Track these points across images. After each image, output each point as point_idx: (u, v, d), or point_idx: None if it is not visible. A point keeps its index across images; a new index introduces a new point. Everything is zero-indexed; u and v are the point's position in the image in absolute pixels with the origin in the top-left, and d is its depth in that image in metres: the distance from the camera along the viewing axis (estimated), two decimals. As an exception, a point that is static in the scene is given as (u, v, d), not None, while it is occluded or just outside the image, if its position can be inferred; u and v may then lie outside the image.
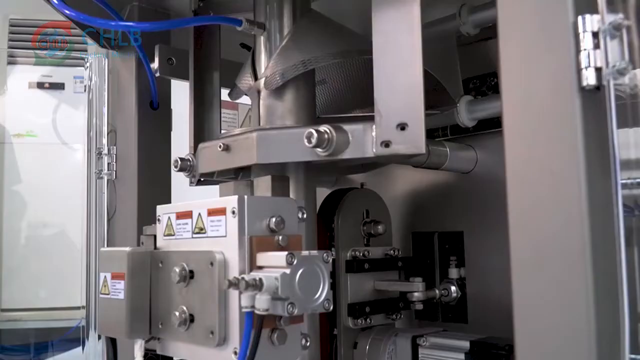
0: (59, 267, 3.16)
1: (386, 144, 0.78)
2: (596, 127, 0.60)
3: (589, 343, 0.57)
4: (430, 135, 1.15)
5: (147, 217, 0.95)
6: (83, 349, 1.99)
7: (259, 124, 0.92)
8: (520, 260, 0.63)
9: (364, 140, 0.80)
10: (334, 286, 1.01)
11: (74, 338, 2.87)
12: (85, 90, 1.44)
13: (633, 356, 0.57)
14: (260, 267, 0.70)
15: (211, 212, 0.75)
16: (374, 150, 0.79)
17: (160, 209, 0.84)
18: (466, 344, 0.93)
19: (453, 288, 1.12)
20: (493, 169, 1.09)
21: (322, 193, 1.10)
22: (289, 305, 0.67)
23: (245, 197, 0.72)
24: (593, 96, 0.60)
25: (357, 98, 1.13)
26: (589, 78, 0.58)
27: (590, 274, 0.58)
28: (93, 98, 1.42)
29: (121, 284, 0.80)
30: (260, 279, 0.66)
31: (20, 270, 3.44)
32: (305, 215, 0.79)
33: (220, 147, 0.87)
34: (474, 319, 1.11)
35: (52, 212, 3.36)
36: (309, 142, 0.79)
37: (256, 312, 0.66)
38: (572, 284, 0.59)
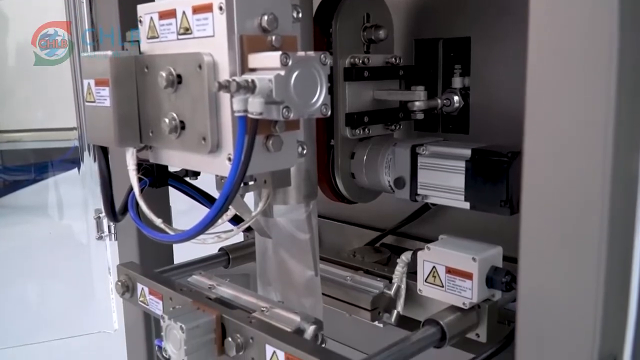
0: (54, 88, 3.11)
1: None
2: None
3: (606, 136, 0.54)
4: None
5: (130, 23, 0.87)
6: (79, 170, 2.02)
7: None
8: (537, 62, 0.58)
9: None
10: (331, 95, 0.97)
11: (74, 158, 2.92)
12: None
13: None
14: (253, 70, 0.66)
15: (196, 10, 0.68)
16: None
17: (141, 9, 0.77)
18: (467, 152, 0.90)
19: (456, 98, 1.08)
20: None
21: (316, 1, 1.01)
22: (284, 109, 0.63)
23: (233, -10, 0.65)
24: None
25: None
26: None
27: (614, 80, 0.53)
28: None
29: (106, 91, 0.76)
30: (253, 81, 0.62)
31: (13, 91, 3.40)
32: (300, 15, 0.72)
33: (203, -64, 0.77)
34: (476, 130, 1.08)
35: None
36: None
37: (249, 116, 0.62)
38: (593, 89, 0.55)
